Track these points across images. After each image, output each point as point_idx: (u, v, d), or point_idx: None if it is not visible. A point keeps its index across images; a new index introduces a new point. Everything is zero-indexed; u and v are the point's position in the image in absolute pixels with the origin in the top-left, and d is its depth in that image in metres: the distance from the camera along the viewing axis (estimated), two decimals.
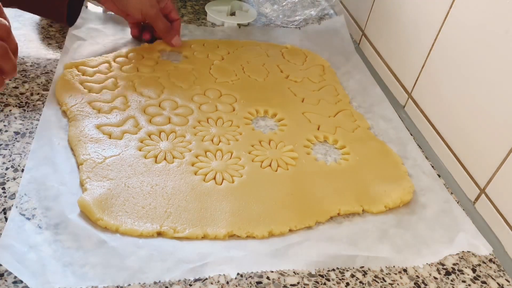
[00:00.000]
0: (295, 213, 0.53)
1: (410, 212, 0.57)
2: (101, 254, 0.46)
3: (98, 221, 0.48)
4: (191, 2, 0.91)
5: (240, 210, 0.52)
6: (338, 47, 0.87)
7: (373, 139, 0.67)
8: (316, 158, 0.62)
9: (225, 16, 0.86)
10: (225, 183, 0.55)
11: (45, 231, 0.46)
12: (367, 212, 0.56)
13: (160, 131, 0.60)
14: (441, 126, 0.67)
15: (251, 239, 0.50)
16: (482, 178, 0.59)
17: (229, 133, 0.62)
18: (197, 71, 0.73)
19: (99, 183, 0.52)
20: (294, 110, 0.69)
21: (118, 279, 0.44)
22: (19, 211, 0.48)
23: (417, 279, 0.50)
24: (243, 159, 0.59)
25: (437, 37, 0.68)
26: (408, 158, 0.65)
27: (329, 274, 0.49)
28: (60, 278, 0.43)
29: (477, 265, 0.53)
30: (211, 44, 0.80)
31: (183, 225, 0.50)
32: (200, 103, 0.67)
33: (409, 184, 0.60)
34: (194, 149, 0.59)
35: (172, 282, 0.45)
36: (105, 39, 0.75)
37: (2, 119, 0.58)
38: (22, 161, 0.53)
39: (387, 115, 0.73)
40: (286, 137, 0.64)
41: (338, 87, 0.76)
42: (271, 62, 0.79)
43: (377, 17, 0.85)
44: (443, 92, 0.67)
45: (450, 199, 0.60)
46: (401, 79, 0.77)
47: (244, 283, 0.46)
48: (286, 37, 0.87)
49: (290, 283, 0.47)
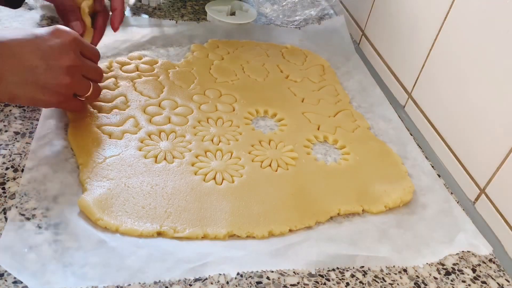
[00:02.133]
0: (295, 213, 0.53)
1: (410, 212, 0.57)
2: (101, 254, 0.46)
3: (98, 221, 0.48)
4: (191, 2, 0.91)
5: (240, 210, 0.52)
6: (338, 47, 0.87)
7: (373, 139, 0.67)
8: (316, 158, 0.62)
9: (225, 16, 0.86)
10: (225, 183, 0.55)
11: (45, 231, 0.46)
12: (367, 212, 0.56)
13: (160, 131, 0.60)
14: (441, 126, 0.67)
15: (251, 239, 0.50)
16: (482, 178, 0.59)
17: (229, 133, 0.62)
18: (197, 71, 0.73)
19: (99, 183, 0.52)
20: (294, 110, 0.69)
21: (118, 279, 0.44)
22: (19, 211, 0.48)
23: (417, 279, 0.50)
24: (243, 159, 0.59)
25: (437, 37, 0.68)
26: (408, 158, 0.65)
27: (329, 274, 0.49)
28: (60, 278, 0.43)
29: (477, 265, 0.53)
30: (211, 44, 0.80)
31: (183, 225, 0.50)
32: (200, 103, 0.67)
33: (409, 184, 0.60)
34: (194, 149, 0.59)
35: (172, 282, 0.45)
36: (104, 38, 0.75)
37: (2, 119, 0.58)
38: (22, 161, 0.53)
39: (387, 115, 0.73)
40: (286, 137, 0.64)
41: (338, 87, 0.76)
42: (271, 62, 0.79)
43: (377, 17, 0.85)
44: (443, 92, 0.67)
45: (450, 199, 0.60)
46: (401, 79, 0.77)
47: (244, 283, 0.46)
48: (286, 37, 0.87)
49: (290, 283, 0.47)
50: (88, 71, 0.55)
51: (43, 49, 0.51)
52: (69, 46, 0.52)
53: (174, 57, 0.76)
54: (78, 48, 0.54)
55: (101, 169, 0.53)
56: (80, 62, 0.54)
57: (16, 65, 0.49)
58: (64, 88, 0.52)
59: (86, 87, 0.55)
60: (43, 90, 0.51)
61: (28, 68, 0.50)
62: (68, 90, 0.53)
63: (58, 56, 0.51)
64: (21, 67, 0.50)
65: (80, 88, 0.55)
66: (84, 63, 0.55)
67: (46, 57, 0.51)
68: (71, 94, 0.54)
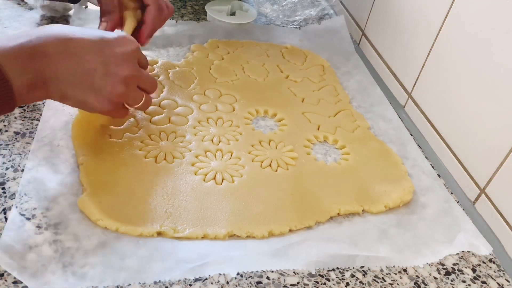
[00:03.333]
0: (295, 213, 0.53)
1: (410, 212, 0.57)
2: (101, 254, 0.46)
3: (98, 221, 0.48)
4: (191, 2, 0.91)
5: (240, 210, 0.52)
6: (338, 47, 0.87)
7: (373, 139, 0.67)
8: (316, 158, 0.62)
9: (225, 16, 0.86)
10: (225, 183, 0.55)
11: (45, 231, 0.46)
12: (367, 212, 0.56)
13: (160, 131, 0.60)
14: (441, 126, 0.67)
15: (251, 239, 0.50)
16: (482, 178, 0.59)
17: (229, 133, 0.62)
18: (197, 71, 0.73)
19: (99, 183, 0.51)
20: (294, 110, 0.69)
21: (118, 279, 0.44)
22: (19, 211, 0.48)
23: (417, 279, 0.50)
24: (243, 159, 0.59)
25: (437, 37, 0.68)
26: (408, 158, 0.65)
27: (329, 274, 0.49)
28: (60, 278, 0.43)
29: (477, 265, 0.53)
30: (211, 44, 0.80)
31: (183, 225, 0.50)
32: (200, 103, 0.67)
33: (409, 184, 0.60)
34: (194, 149, 0.59)
35: (172, 282, 0.45)
36: None
37: (2, 119, 0.58)
38: (22, 161, 0.53)
39: (387, 115, 0.73)
40: (286, 137, 0.64)
41: (338, 87, 0.76)
42: (271, 62, 0.79)
43: (377, 17, 0.85)
44: (443, 92, 0.67)
45: (450, 199, 0.60)
46: (401, 79, 0.77)
47: (244, 283, 0.46)
48: (286, 37, 0.87)
49: (290, 283, 0.47)
50: (144, 83, 0.54)
51: (106, 54, 0.49)
52: (131, 55, 0.52)
53: (174, 57, 0.76)
54: (137, 59, 0.53)
55: (101, 169, 0.53)
56: (138, 72, 0.53)
57: (75, 65, 0.48)
58: (117, 97, 0.51)
59: (138, 98, 0.54)
60: (96, 95, 0.50)
61: (86, 70, 0.49)
62: (121, 99, 0.52)
63: (119, 64, 0.50)
64: (80, 68, 0.48)
65: (132, 99, 0.54)
66: (141, 74, 0.54)
67: (107, 62, 0.49)
68: (122, 103, 0.53)
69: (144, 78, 0.54)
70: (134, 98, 0.54)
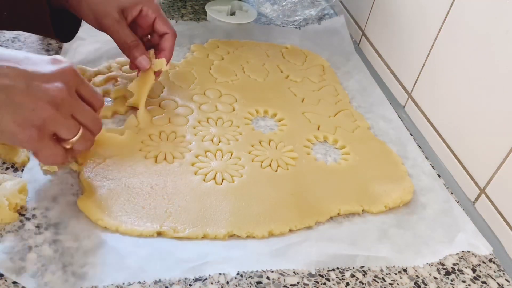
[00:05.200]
0: (295, 213, 0.53)
1: (410, 212, 0.57)
2: (101, 254, 0.46)
3: (98, 221, 0.48)
4: (191, 2, 0.91)
5: (240, 210, 0.52)
6: (338, 47, 0.87)
7: (373, 139, 0.67)
8: (316, 158, 0.62)
9: (225, 16, 0.86)
10: (225, 183, 0.55)
11: (45, 231, 0.46)
12: (367, 212, 0.56)
13: (160, 131, 0.60)
14: (441, 126, 0.67)
15: (251, 239, 0.50)
16: (482, 178, 0.59)
17: (229, 133, 0.62)
18: (197, 71, 0.73)
19: (99, 183, 0.52)
20: (294, 110, 0.69)
21: (118, 279, 0.44)
22: (19, 211, 0.48)
23: (417, 279, 0.50)
24: (243, 159, 0.59)
25: (437, 37, 0.68)
26: (408, 158, 0.65)
27: (329, 274, 0.49)
28: (60, 278, 0.43)
29: (477, 265, 0.53)
30: (211, 44, 0.80)
31: (183, 225, 0.50)
32: (200, 103, 0.67)
33: (409, 184, 0.60)
34: (194, 149, 0.59)
35: (172, 281, 0.45)
36: (105, 37, 0.75)
37: None
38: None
39: (387, 115, 0.73)
40: (286, 137, 0.64)
41: (338, 87, 0.76)
42: (271, 62, 0.79)
43: (377, 17, 0.85)
44: (443, 92, 0.67)
45: (450, 199, 0.60)
46: (401, 79, 0.77)
47: (244, 283, 0.46)
48: (286, 37, 0.87)
49: (290, 283, 0.47)
50: (80, 114, 0.44)
51: (29, 70, 0.41)
52: (62, 75, 0.43)
53: (174, 57, 0.75)
54: (73, 83, 0.44)
55: (101, 169, 0.53)
56: (70, 98, 0.43)
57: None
58: (43, 120, 0.41)
59: (71, 129, 0.44)
60: (14, 116, 0.40)
61: (1, 86, 0.40)
62: (47, 125, 0.42)
63: (45, 80, 0.41)
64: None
65: (63, 128, 0.43)
66: (77, 102, 0.44)
67: (29, 77, 0.41)
68: (50, 133, 0.43)
69: (80, 108, 0.44)
70: (66, 127, 0.43)
